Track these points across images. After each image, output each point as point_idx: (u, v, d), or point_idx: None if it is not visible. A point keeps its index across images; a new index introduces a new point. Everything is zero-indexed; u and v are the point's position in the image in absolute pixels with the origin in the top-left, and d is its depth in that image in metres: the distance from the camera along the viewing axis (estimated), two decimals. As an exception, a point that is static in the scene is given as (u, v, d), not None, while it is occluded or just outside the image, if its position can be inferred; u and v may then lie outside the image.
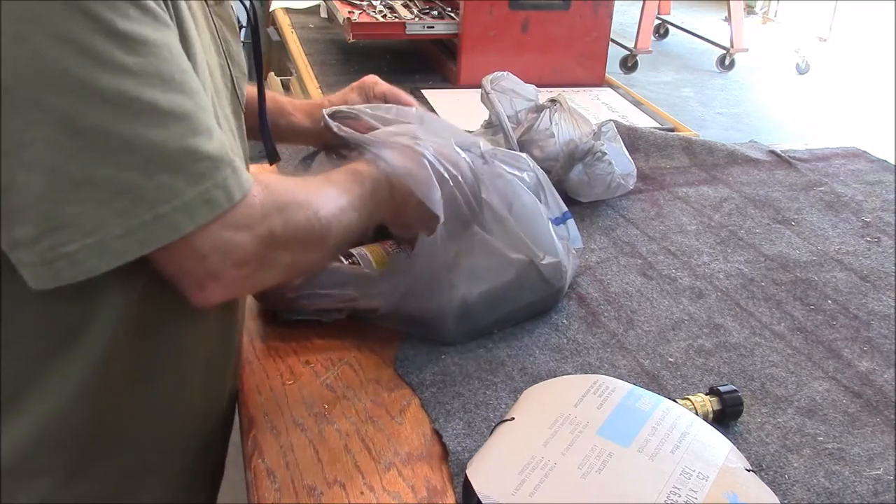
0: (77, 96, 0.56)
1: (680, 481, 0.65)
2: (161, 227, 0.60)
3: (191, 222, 0.62)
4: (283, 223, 0.70)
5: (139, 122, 0.58)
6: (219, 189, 0.63)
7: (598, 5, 1.88)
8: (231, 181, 0.64)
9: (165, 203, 0.60)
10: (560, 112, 1.23)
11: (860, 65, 5.83)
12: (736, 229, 1.23)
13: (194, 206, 0.62)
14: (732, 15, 5.37)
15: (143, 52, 0.58)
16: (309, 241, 0.74)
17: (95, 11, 0.56)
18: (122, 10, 0.57)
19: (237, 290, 0.72)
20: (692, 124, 1.96)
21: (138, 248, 0.60)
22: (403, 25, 1.88)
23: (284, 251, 0.71)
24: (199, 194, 0.62)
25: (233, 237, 0.65)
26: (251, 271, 0.69)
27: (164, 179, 0.60)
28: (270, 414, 0.81)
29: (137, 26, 0.58)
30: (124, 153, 0.58)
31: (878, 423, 0.84)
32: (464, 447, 0.77)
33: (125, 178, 0.58)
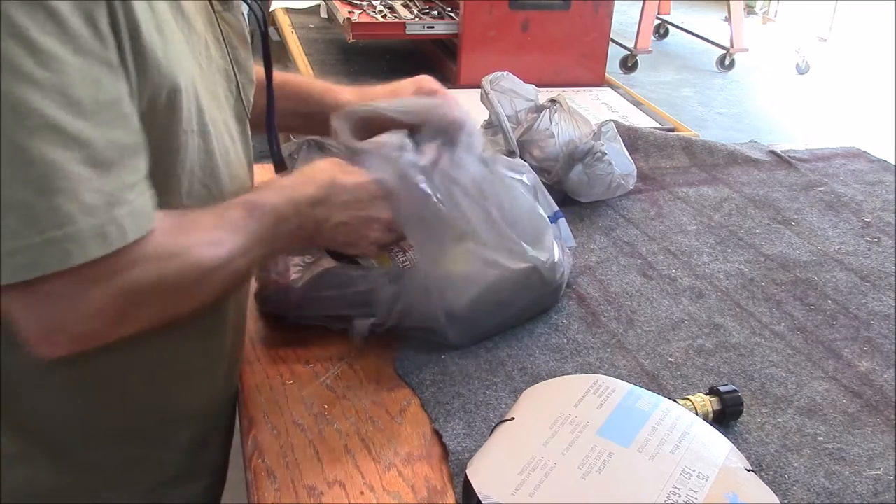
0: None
1: (680, 481, 0.65)
2: (49, 253, 0.56)
3: (82, 254, 0.57)
4: (154, 277, 0.64)
5: (39, 138, 0.55)
6: (113, 225, 0.59)
7: (598, 5, 1.88)
8: (128, 221, 0.60)
9: (57, 228, 0.56)
10: (560, 112, 1.23)
11: (860, 65, 5.83)
12: (736, 229, 1.23)
13: (87, 237, 0.57)
14: (732, 15, 5.37)
15: (55, 69, 0.56)
16: (179, 293, 0.68)
17: (13, 15, 0.54)
18: (41, 22, 0.55)
19: (85, 344, 0.64)
20: (692, 124, 1.96)
21: (23, 272, 0.56)
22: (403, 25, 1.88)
23: (149, 306, 0.66)
24: (94, 227, 0.58)
25: (91, 289, 0.60)
26: (104, 327, 0.63)
27: (59, 203, 0.56)
28: (270, 414, 0.81)
29: (53, 42, 0.56)
30: (18, 165, 0.55)
31: (878, 423, 0.84)
32: (464, 447, 0.77)
33: (16, 193, 0.55)
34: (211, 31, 0.76)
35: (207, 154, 0.73)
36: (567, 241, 1.04)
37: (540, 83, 1.30)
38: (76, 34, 0.57)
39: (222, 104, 0.77)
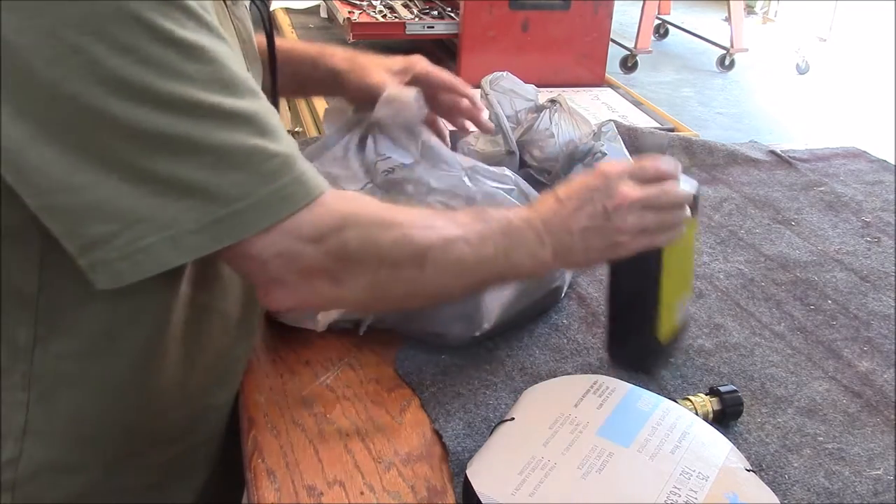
0: (138, 103, 0.57)
1: (680, 481, 0.65)
2: (236, 224, 0.61)
3: (266, 219, 0.62)
4: (361, 238, 0.67)
5: (204, 126, 0.59)
6: (294, 185, 0.63)
7: (598, 5, 1.88)
8: (307, 179, 0.64)
9: (238, 200, 0.60)
10: (560, 112, 1.23)
11: (860, 65, 5.83)
12: (736, 229, 1.23)
13: (269, 202, 0.62)
14: (732, 15, 5.37)
15: (202, 59, 0.59)
16: (395, 265, 0.69)
17: (152, 21, 0.56)
18: (179, 20, 0.58)
19: (307, 300, 0.70)
20: (692, 124, 1.96)
21: (210, 244, 0.61)
22: (403, 25, 1.88)
23: (362, 270, 0.68)
24: (274, 191, 0.62)
25: (296, 246, 0.64)
26: (321, 284, 0.67)
27: (236, 177, 0.60)
28: (270, 414, 0.81)
29: (193, 35, 0.59)
30: (192, 154, 0.59)
31: (878, 423, 0.84)
32: (464, 447, 0.77)
33: (196, 177, 0.59)
34: (226, 25, 0.77)
35: None
36: None
37: (540, 83, 1.30)
38: (207, 23, 0.61)
39: None
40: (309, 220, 0.64)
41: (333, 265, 0.66)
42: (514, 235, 0.73)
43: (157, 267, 0.60)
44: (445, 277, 0.71)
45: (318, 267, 0.66)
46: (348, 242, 0.66)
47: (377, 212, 0.70)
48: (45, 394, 0.70)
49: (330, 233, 0.65)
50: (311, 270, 0.66)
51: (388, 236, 0.68)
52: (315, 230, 0.65)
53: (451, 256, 0.70)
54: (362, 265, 0.68)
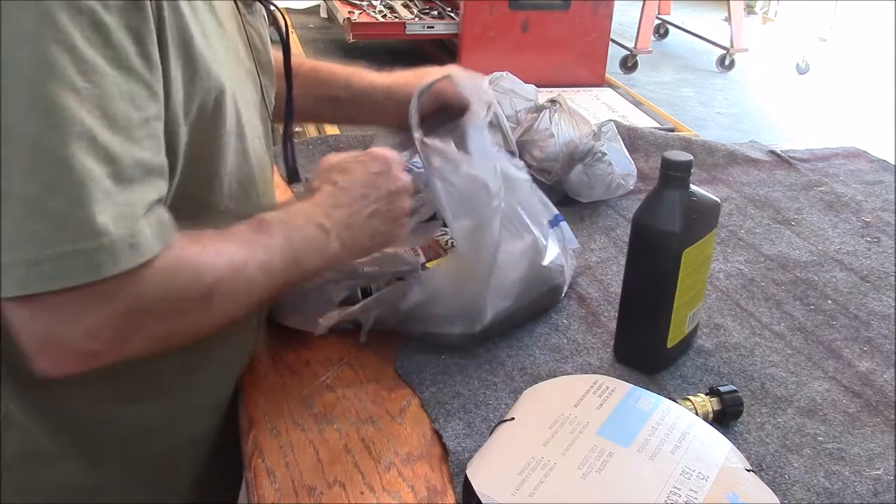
0: (17, 98, 0.54)
1: (680, 481, 0.65)
2: (80, 264, 0.55)
3: (114, 265, 0.56)
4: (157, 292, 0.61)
5: (75, 145, 0.55)
6: (143, 236, 0.58)
7: (598, 5, 1.88)
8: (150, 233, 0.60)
9: (90, 239, 0.55)
10: (560, 112, 1.23)
11: (860, 65, 5.83)
12: (736, 229, 1.23)
13: (119, 248, 0.57)
14: (732, 15, 5.37)
15: (95, 80, 0.56)
16: (185, 311, 0.65)
17: (60, 21, 0.54)
18: (85, 31, 0.55)
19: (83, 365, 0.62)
20: (692, 124, 1.96)
21: (47, 282, 0.55)
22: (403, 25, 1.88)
23: (150, 326, 0.63)
24: (125, 237, 0.57)
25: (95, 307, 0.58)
26: (103, 347, 0.61)
27: (93, 213, 0.55)
28: (270, 414, 0.81)
29: (94, 54, 0.56)
30: (55, 172, 0.55)
31: (878, 423, 0.84)
32: (464, 447, 0.77)
33: (51, 201, 0.55)
34: (238, 34, 0.77)
35: (244, 155, 0.74)
36: (570, 244, 1.04)
37: (540, 83, 1.30)
38: (120, 48, 0.57)
39: (250, 106, 0.78)
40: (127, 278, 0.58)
41: (122, 326, 0.61)
42: (299, 239, 0.72)
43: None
44: (234, 306, 0.69)
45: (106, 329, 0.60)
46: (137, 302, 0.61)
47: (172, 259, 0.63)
48: (28, 384, 0.69)
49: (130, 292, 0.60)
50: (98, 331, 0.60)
51: (177, 280, 0.63)
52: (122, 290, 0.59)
53: (239, 285, 0.68)
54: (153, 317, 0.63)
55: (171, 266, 0.62)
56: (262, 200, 0.79)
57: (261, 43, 0.82)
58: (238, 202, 0.75)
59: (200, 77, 0.65)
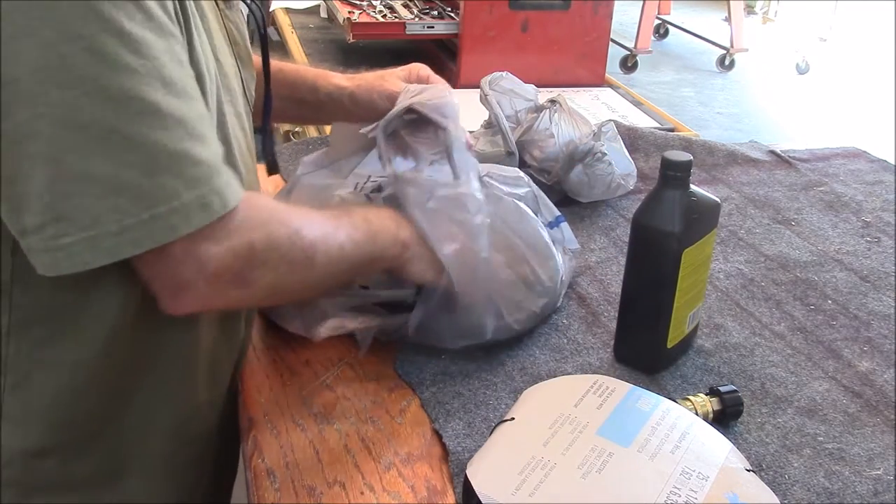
0: (81, 92, 0.57)
1: (680, 481, 0.65)
2: (156, 228, 0.60)
3: (186, 225, 0.61)
4: (263, 239, 0.68)
5: (140, 122, 0.59)
6: (215, 195, 0.63)
7: (598, 5, 1.88)
8: (226, 188, 0.64)
9: (162, 204, 0.60)
10: (560, 112, 1.23)
11: (860, 65, 5.83)
12: (736, 229, 1.23)
13: (191, 209, 0.61)
14: (732, 15, 5.37)
15: (147, 55, 0.59)
16: (293, 262, 0.72)
17: (104, 11, 0.57)
18: (129, 12, 0.58)
19: (213, 303, 0.70)
20: (692, 124, 1.97)
21: (131, 248, 0.60)
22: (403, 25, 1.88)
23: (266, 270, 0.69)
24: (197, 198, 0.62)
25: (209, 251, 0.64)
26: (228, 287, 0.67)
27: (163, 180, 0.60)
28: (270, 414, 0.81)
29: (142, 30, 0.59)
30: (125, 151, 0.59)
31: (878, 423, 0.84)
32: (464, 447, 0.77)
33: (124, 176, 0.59)
34: (218, 27, 0.77)
35: (225, 144, 0.75)
36: (570, 244, 1.04)
37: (540, 83, 1.30)
38: (159, 19, 0.61)
39: (234, 97, 0.79)
40: (223, 227, 0.65)
41: (241, 266, 0.67)
42: (375, 221, 0.80)
43: (73, 266, 0.60)
44: (333, 268, 0.76)
45: (226, 269, 0.66)
46: (253, 243, 0.67)
47: (272, 210, 0.72)
48: (20, 380, 0.70)
49: (240, 238, 0.66)
50: (220, 274, 0.66)
51: (284, 233, 0.71)
52: (227, 237, 0.65)
53: (334, 247, 0.75)
54: (266, 265, 0.69)
55: (275, 219, 0.71)
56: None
57: (240, 37, 0.83)
58: None
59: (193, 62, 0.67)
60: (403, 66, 1.04)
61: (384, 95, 0.98)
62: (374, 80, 1.01)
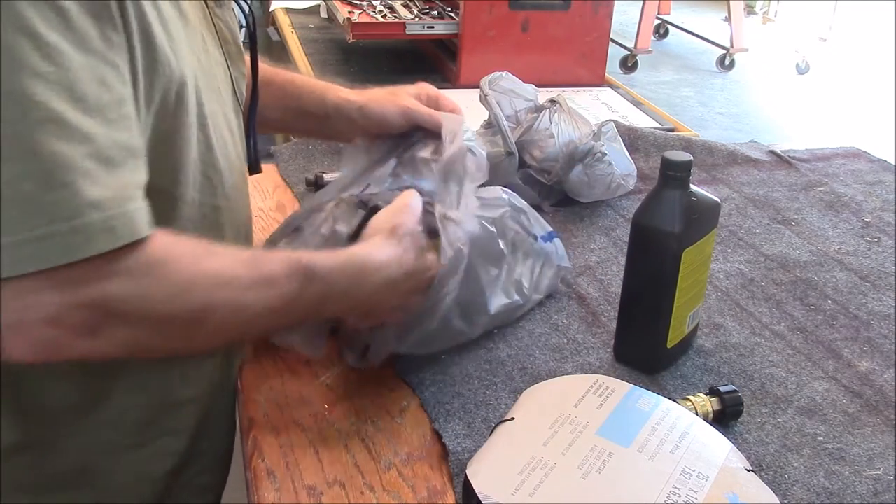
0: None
1: (680, 481, 0.65)
2: (56, 246, 0.55)
3: (88, 248, 0.56)
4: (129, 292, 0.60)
5: (44, 131, 0.55)
6: (123, 219, 0.58)
7: (598, 5, 1.88)
8: (138, 216, 0.59)
9: (63, 221, 0.55)
10: (560, 112, 1.23)
11: (860, 65, 5.83)
12: (736, 229, 1.23)
13: (94, 230, 0.56)
14: (732, 15, 5.37)
15: (59, 64, 0.56)
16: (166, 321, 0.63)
17: (21, 9, 0.54)
18: (47, 17, 0.56)
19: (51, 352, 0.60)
20: (692, 124, 1.96)
21: (28, 264, 0.55)
22: (403, 25, 1.88)
23: (121, 326, 0.61)
24: (103, 220, 0.57)
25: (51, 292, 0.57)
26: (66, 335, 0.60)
27: (64, 195, 0.55)
28: (270, 414, 0.81)
29: (59, 37, 0.56)
30: (24, 159, 0.55)
31: (878, 423, 0.84)
32: (464, 447, 0.77)
33: (23, 187, 0.55)
34: (206, 26, 0.77)
35: (207, 146, 0.74)
36: (561, 261, 1.03)
37: (540, 83, 1.30)
38: (83, 33, 0.57)
39: (222, 97, 0.79)
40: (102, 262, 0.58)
41: (90, 317, 0.60)
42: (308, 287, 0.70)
43: None
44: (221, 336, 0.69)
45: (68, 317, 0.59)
46: (113, 295, 0.60)
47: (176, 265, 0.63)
48: (14, 376, 0.69)
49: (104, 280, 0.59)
50: (57, 319, 0.59)
51: (163, 296, 0.62)
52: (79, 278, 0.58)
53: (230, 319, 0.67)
54: (123, 321, 0.61)
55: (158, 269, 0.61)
56: (228, 192, 0.79)
57: (230, 35, 0.82)
58: (203, 193, 0.75)
59: (161, 66, 0.65)
60: (412, 85, 1.00)
61: (397, 110, 0.95)
62: (386, 94, 0.98)
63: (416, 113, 0.94)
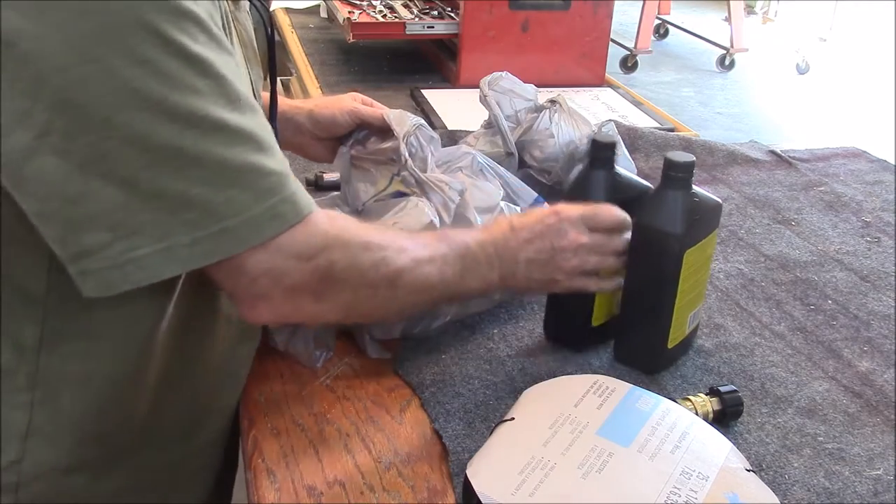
0: (150, 115, 0.57)
1: (680, 481, 0.65)
2: (226, 240, 0.62)
3: (258, 236, 0.63)
4: (346, 260, 0.70)
5: (208, 140, 0.60)
6: (286, 204, 0.64)
7: (598, 5, 1.88)
8: (298, 198, 0.65)
9: (233, 217, 0.62)
10: (560, 112, 1.23)
11: (860, 65, 5.83)
12: (736, 229, 1.23)
13: (262, 220, 0.63)
14: (732, 15, 5.37)
15: (211, 74, 0.60)
16: (373, 285, 0.72)
17: (168, 34, 0.57)
18: (193, 34, 0.59)
19: (288, 316, 0.72)
20: (692, 124, 1.96)
21: (203, 258, 0.62)
22: (403, 25, 1.88)
23: (343, 289, 0.71)
24: (267, 209, 0.63)
25: (286, 263, 0.66)
26: (304, 301, 0.69)
27: (232, 194, 0.61)
28: (270, 414, 0.81)
29: (205, 50, 0.60)
30: (194, 169, 0.60)
31: (878, 423, 0.84)
32: (464, 447, 0.77)
33: (194, 192, 0.60)
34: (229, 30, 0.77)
35: None
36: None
37: (540, 83, 1.30)
38: (217, 37, 0.62)
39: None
40: (297, 238, 0.66)
41: (318, 283, 0.69)
42: (469, 259, 0.78)
43: (147, 278, 0.61)
44: (413, 296, 0.76)
45: (303, 284, 0.68)
46: (334, 263, 0.69)
47: (359, 234, 0.73)
48: (50, 394, 0.69)
49: (317, 252, 0.68)
50: (296, 287, 0.68)
51: (369, 258, 0.71)
52: (303, 249, 0.67)
53: (420, 278, 0.75)
54: (345, 285, 0.71)
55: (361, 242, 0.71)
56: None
57: (248, 38, 0.83)
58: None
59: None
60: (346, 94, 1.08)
61: (345, 112, 1.02)
62: (332, 99, 1.06)
63: (361, 111, 1.02)
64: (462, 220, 0.91)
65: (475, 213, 0.92)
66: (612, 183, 0.89)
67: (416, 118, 1.00)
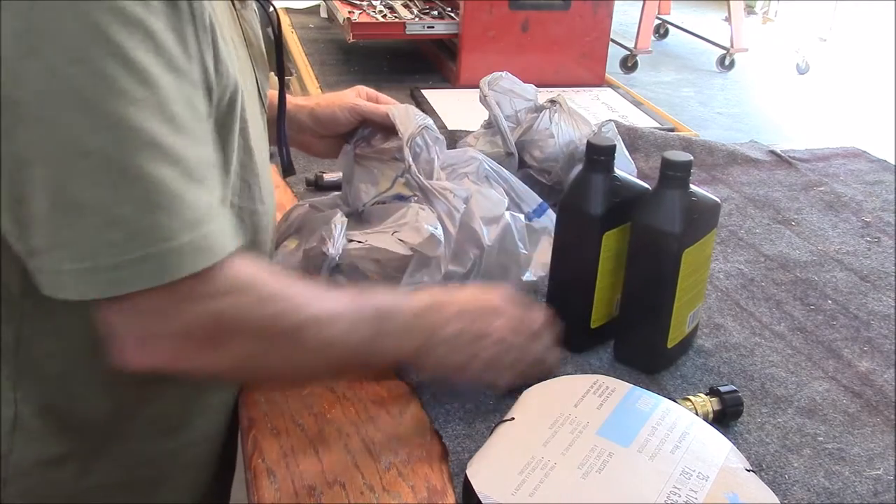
0: (83, 117, 0.55)
1: (680, 481, 0.65)
2: (148, 269, 0.58)
3: (178, 270, 0.59)
4: (246, 308, 0.64)
5: (139, 154, 0.57)
6: (208, 240, 0.60)
7: (598, 5, 1.88)
8: (222, 236, 0.62)
9: (159, 243, 0.58)
10: (560, 113, 1.23)
11: (860, 65, 5.83)
12: (736, 229, 1.23)
13: (186, 251, 0.59)
14: (732, 15, 5.37)
15: (151, 86, 0.57)
16: (270, 338, 0.67)
17: (112, 34, 0.55)
18: (139, 40, 0.56)
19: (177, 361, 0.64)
20: (692, 124, 1.96)
21: (126, 285, 0.58)
22: (403, 25, 1.88)
23: (240, 339, 0.65)
24: (193, 241, 0.59)
25: (181, 305, 0.61)
26: (196, 348, 0.64)
27: (159, 219, 0.58)
28: (270, 414, 0.81)
29: (150, 60, 0.57)
30: (122, 183, 0.57)
31: (878, 423, 0.84)
32: (464, 447, 0.77)
33: (120, 211, 0.57)
34: (234, 29, 0.77)
35: (246, 151, 0.75)
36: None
37: (540, 83, 1.30)
38: (169, 53, 0.59)
39: (250, 101, 0.78)
40: (203, 278, 0.60)
41: (213, 329, 0.64)
42: (387, 323, 0.73)
43: (73, 295, 0.58)
44: (315, 354, 0.71)
45: (197, 329, 0.63)
46: (231, 309, 0.64)
47: (268, 283, 0.67)
48: (33, 391, 0.70)
49: (218, 295, 0.62)
50: (190, 331, 0.63)
51: (271, 308, 0.66)
52: (205, 290, 0.61)
53: (323, 334, 0.69)
54: (241, 334, 0.65)
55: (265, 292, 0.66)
56: (264, 196, 0.80)
57: (254, 37, 0.82)
58: (242, 198, 0.75)
59: (222, 73, 0.66)
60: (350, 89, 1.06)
61: (346, 108, 1.00)
62: (333, 96, 1.04)
63: (363, 108, 1.00)
64: (467, 229, 0.89)
65: (481, 223, 0.90)
66: (609, 185, 0.88)
67: (422, 117, 0.97)
